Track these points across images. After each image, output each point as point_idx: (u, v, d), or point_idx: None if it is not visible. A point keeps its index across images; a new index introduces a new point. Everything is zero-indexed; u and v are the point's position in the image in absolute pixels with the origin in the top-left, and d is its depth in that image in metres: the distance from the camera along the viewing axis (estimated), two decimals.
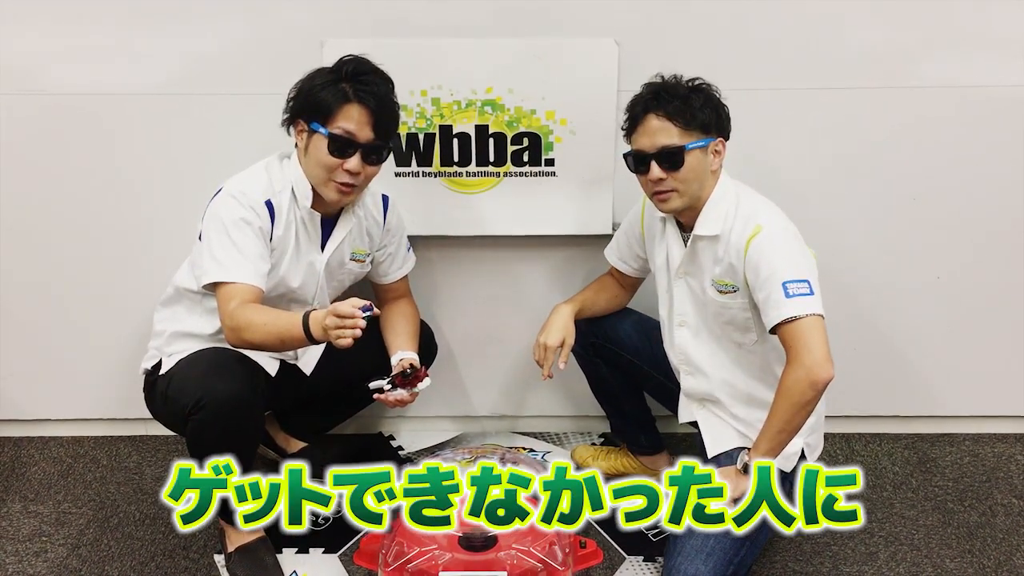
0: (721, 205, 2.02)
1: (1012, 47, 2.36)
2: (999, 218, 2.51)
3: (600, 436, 2.77)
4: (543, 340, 2.23)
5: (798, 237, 2.00)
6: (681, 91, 1.98)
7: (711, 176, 2.02)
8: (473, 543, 2.00)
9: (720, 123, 2.01)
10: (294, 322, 1.91)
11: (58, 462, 2.64)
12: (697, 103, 1.97)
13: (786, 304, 1.89)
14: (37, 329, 2.64)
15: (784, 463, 2.04)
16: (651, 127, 1.98)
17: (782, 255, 1.94)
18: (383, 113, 2.01)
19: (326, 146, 1.99)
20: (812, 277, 1.93)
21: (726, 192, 2.04)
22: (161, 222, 2.50)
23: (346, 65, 2.01)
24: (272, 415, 2.55)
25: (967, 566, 2.23)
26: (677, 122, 1.96)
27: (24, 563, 2.25)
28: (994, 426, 2.76)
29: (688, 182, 1.99)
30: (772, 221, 1.98)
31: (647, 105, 1.99)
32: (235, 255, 1.99)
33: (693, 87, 2.01)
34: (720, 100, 2.03)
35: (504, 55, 2.32)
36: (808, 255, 1.99)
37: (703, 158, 1.99)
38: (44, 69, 2.38)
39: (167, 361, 2.14)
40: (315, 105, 1.99)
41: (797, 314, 1.88)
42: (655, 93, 1.99)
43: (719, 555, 1.96)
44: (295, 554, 2.26)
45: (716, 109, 2.00)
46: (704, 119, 1.97)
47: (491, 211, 2.46)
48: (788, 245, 1.96)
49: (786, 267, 1.92)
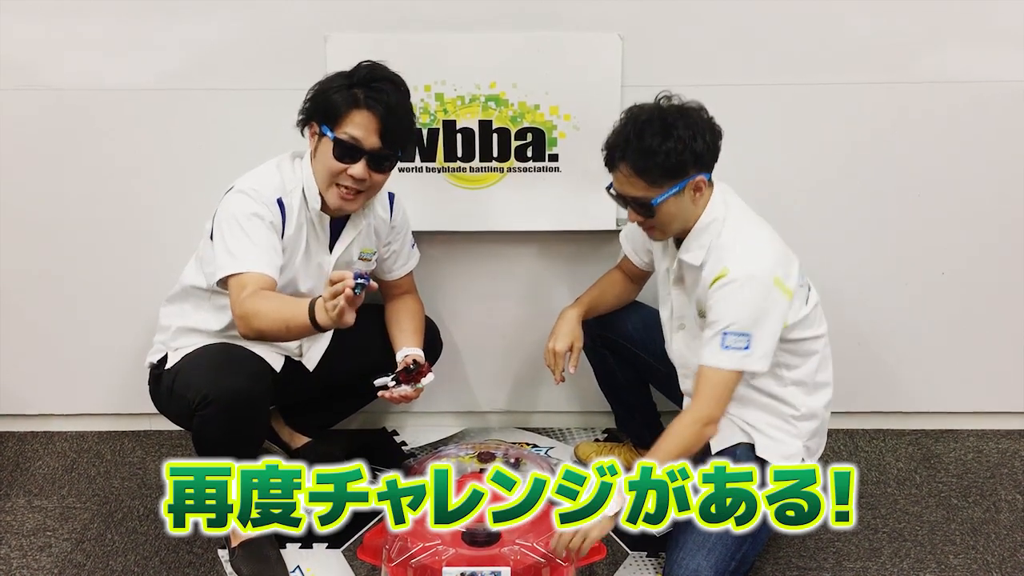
0: (705, 235, 1.98)
1: (1016, 42, 2.34)
2: (1004, 214, 2.51)
3: (604, 432, 2.77)
4: (551, 346, 2.24)
5: (764, 282, 1.91)
6: (648, 140, 1.86)
7: (696, 207, 1.97)
8: (476, 538, 2.00)
9: (700, 161, 1.91)
10: (300, 308, 1.89)
11: (62, 457, 2.65)
12: (666, 152, 1.86)
13: (716, 353, 1.91)
14: (41, 325, 2.64)
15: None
16: (622, 175, 1.93)
17: (735, 304, 1.90)
18: (392, 121, 1.99)
19: (331, 150, 1.99)
20: (761, 330, 1.90)
21: (712, 220, 1.98)
22: (164, 217, 2.50)
23: (361, 70, 2.00)
24: (277, 410, 2.55)
25: (971, 562, 2.23)
26: (643, 178, 1.90)
27: (28, 558, 2.25)
28: (998, 422, 2.75)
29: (666, 224, 1.97)
30: (738, 265, 1.91)
31: (615, 153, 1.93)
32: (248, 246, 1.98)
33: (666, 126, 1.87)
34: (705, 129, 1.91)
35: (508, 50, 2.32)
36: (769, 303, 1.92)
37: (679, 201, 1.93)
38: (46, 64, 2.38)
39: (173, 356, 2.14)
40: (325, 108, 1.99)
41: (719, 366, 1.91)
42: (624, 142, 1.90)
43: (720, 551, 1.97)
44: (299, 549, 2.26)
45: (692, 148, 1.88)
46: (677, 166, 1.88)
47: (495, 206, 2.45)
48: (745, 294, 1.90)
49: (733, 317, 1.90)
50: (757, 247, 1.97)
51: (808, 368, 2.07)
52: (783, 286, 1.94)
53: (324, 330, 1.90)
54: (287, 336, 2.01)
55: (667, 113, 1.90)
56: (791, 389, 2.06)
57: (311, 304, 1.87)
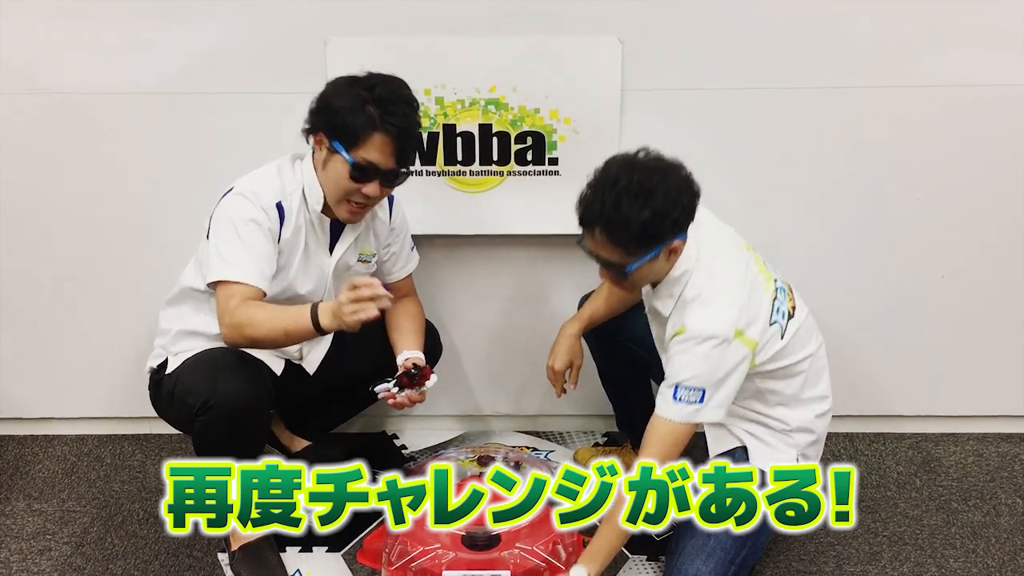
0: (676, 286, 1.94)
1: (1016, 45, 2.35)
2: (1004, 217, 2.51)
3: (603, 435, 2.77)
4: (550, 364, 2.24)
5: (722, 340, 1.86)
6: (624, 210, 1.77)
7: (668, 263, 1.91)
8: (476, 542, 2.00)
9: (676, 225, 1.83)
10: (301, 313, 1.92)
11: (62, 460, 2.65)
12: (642, 222, 1.77)
13: (668, 405, 1.89)
14: (41, 328, 2.64)
15: None
16: (594, 239, 1.85)
17: (691, 360, 1.87)
18: (407, 143, 2.01)
19: (347, 172, 1.99)
20: (713, 387, 1.87)
21: (683, 273, 1.92)
22: (164, 219, 2.51)
23: (377, 88, 1.97)
24: (277, 414, 2.55)
25: (971, 566, 2.23)
26: (619, 246, 1.82)
27: (28, 561, 2.25)
28: (998, 426, 2.75)
29: (637, 283, 1.95)
30: (696, 324, 1.87)
31: (589, 217, 1.83)
32: (241, 254, 1.99)
33: (643, 192, 1.77)
34: (683, 192, 1.82)
35: (508, 54, 2.32)
36: (726, 360, 1.87)
37: (653, 264, 1.87)
38: (46, 67, 2.38)
39: (173, 360, 2.14)
40: (341, 128, 1.97)
41: (671, 417, 1.89)
42: (600, 207, 1.79)
43: (720, 555, 1.96)
44: (298, 552, 2.26)
45: (669, 214, 1.80)
46: (651, 235, 1.80)
47: (495, 210, 2.46)
48: (700, 351, 1.86)
49: (689, 373, 1.87)
50: (719, 301, 1.90)
51: (792, 388, 2.05)
52: (744, 336, 1.89)
53: (326, 333, 1.93)
54: (285, 342, 2.04)
55: (646, 177, 1.79)
56: (778, 409, 2.05)
57: (313, 308, 1.90)
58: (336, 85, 2.03)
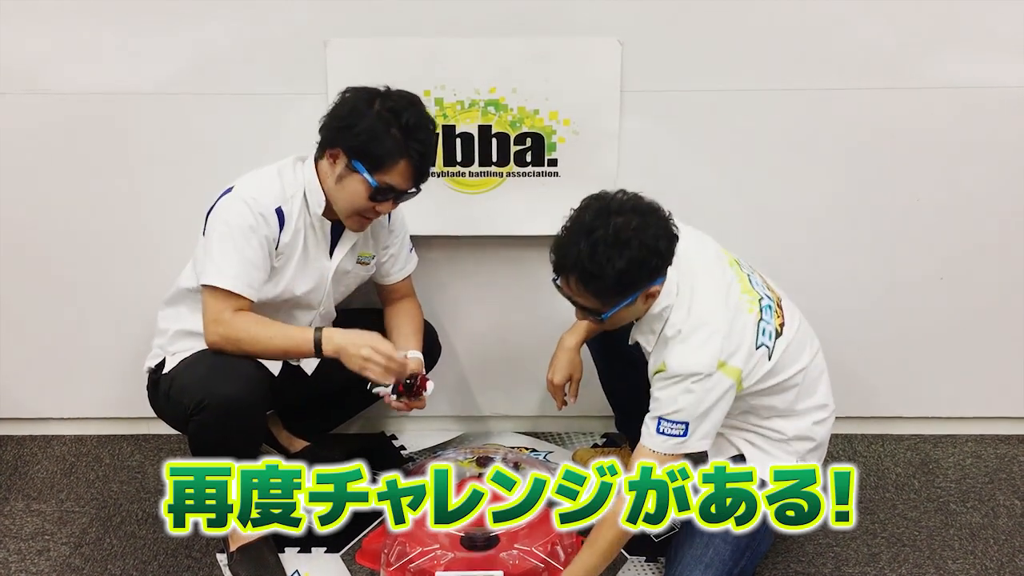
0: (656, 322, 1.93)
1: (1015, 47, 2.36)
2: (1002, 219, 2.51)
3: (602, 436, 2.77)
4: (550, 378, 2.23)
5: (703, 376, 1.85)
6: (600, 260, 1.74)
7: (644, 306, 1.90)
8: (475, 543, 2.00)
9: (653, 272, 1.82)
10: (304, 338, 2.01)
11: (61, 461, 2.64)
12: (617, 273, 1.75)
13: (652, 436, 1.89)
14: (40, 328, 2.64)
15: None
16: (569, 286, 1.84)
17: (673, 397, 1.87)
18: (427, 167, 2.04)
19: (367, 193, 2.01)
20: (696, 420, 1.87)
21: (663, 309, 1.91)
22: (164, 220, 2.50)
23: (404, 114, 1.97)
24: (275, 414, 2.55)
25: (969, 567, 2.23)
26: (595, 297, 1.82)
27: (27, 561, 2.25)
28: (996, 427, 2.76)
29: (614, 325, 1.95)
30: (678, 361, 1.86)
31: (564, 264, 1.81)
32: (235, 263, 2.00)
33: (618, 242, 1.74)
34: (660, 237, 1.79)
35: (507, 55, 2.32)
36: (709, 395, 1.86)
37: (630, 309, 1.86)
38: (45, 69, 2.38)
39: (171, 360, 2.14)
40: (364, 151, 1.98)
41: (655, 448, 1.89)
42: (576, 255, 1.76)
43: (718, 565, 1.96)
44: (297, 553, 2.26)
45: (646, 264, 1.78)
46: (626, 285, 1.79)
47: (494, 211, 2.46)
48: (682, 387, 1.86)
49: (669, 408, 1.87)
50: (699, 336, 1.88)
51: (786, 401, 2.03)
52: (727, 367, 1.88)
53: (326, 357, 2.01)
54: (279, 360, 2.10)
55: (622, 226, 1.76)
56: (774, 421, 2.04)
57: (317, 336, 2.00)
58: (356, 102, 2.01)
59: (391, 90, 2.03)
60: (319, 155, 2.07)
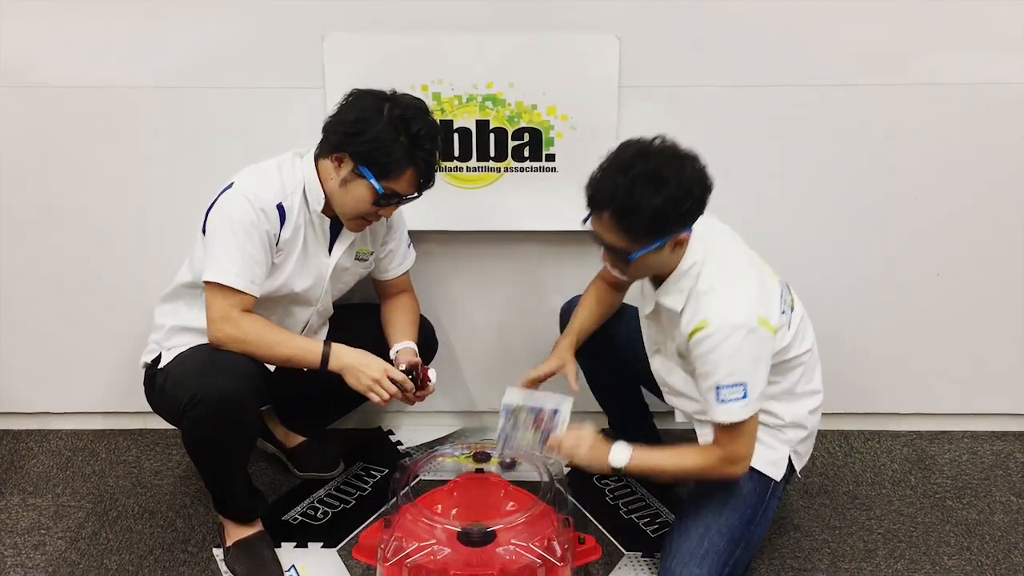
0: (684, 280, 1.91)
1: (1014, 44, 2.35)
2: (999, 216, 2.51)
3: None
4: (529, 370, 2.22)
5: (748, 328, 1.84)
6: (637, 196, 1.74)
7: (673, 256, 1.90)
8: (472, 538, 2.00)
9: (684, 217, 1.81)
10: (312, 351, 2.05)
11: (57, 455, 2.64)
12: (652, 210, 1.75)
13: (716, 407, 1.87)
14: (37, 322, 2.63)
15: (774, 470, 2.05)
16: (602, 222, 1.82)
17: (720, 356, 1.85)
18: (433, 174, 2.05)
19: (372, 198, 2.02)
20: (752, 376, 1.85)
21: (692, 265, 1.90)
22: (161, 215, 2.50)
23: (414, 123, 1.97)
24: (271, 409, 2.55)
25: (965, 563, 2.23)
26: (625, 233, 1.80)
27: (23, 556, 2.25)
28: (993, 424, 2.76)
29: (638, 272, 1.93)
30: (719, 315, 1.84)
31: (599, 199, 1.80)
32: (238, 259, 2.00)
33: (658, 179, 1.75)
34: (696, 185, 1.80)
35: (505, 50, 2.32)
36: (755, 349, 1.86)
37: (657, 255, 1.85)
38: (41, 62, 2.37)
39: (166, 355, 2.14)
40: (373, 159, 1.98)
41: (723, 422, 1.88)
42: (611, 192, 1.77)
43: (713, 557, 1.97)
44: (294, 548, 2.26)
45: (680, 205, 1.78)
46: (660, 225, 1.78)
47: (491, 206, 2.45)
48: (729, 346, 1.84)
49: (722, 371, 1.85)
50: (737, 292, 1.89)
51: (790, 381, 2.05)
52: (767, 324, 1.88)
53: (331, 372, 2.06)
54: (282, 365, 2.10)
55: (661, 165, 1.77)
56: (772, 404, 2.04)
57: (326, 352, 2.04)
58: (365, 108, 2.00)
59: (399, 95, 2.03)
60: (321, 154, 2.07)
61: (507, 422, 2.09)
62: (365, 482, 2.53)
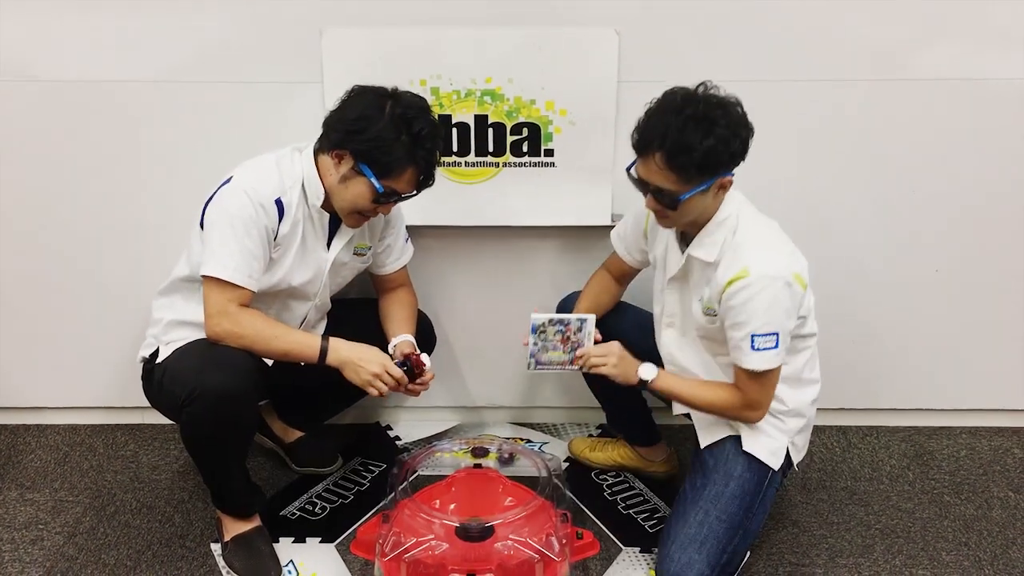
0: (719, 231, 1.97)
1: (1013, 40, 2.35)
2: (998, 212, 2.51)
3: (597, 428, 2.77)
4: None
5: (785, 282, 1.90)
6: (689, 135, 1.81)
7: (715, 202, 1.96)
8: (470, 533, 2.00)
9: (732, 159, 1.88)
10: (309, 346, 2.06)
11: (55, 450, 2.64)
12: (705, 150, 1.81)
13: (749, 355, 1.93)
14: (35, 317, 2.63)
15: (772, 459, 2.06)
16: (651, 165, 1.87)
17: (758, 306, 1.90)
18: (432, 172, 2.05)
19: (372, 196, 2.02)
20: (784, 327, 1.93)
21: (728, 217, 1.97)
22: (159, 210, 2.50)
23: (416, 123, 1.97)
24: (270, 404, 2.55)
25: (963, 559, 2.24)
26: (677, 173, 1.85)
27: (20, 551, 2.24)
28: (991, 419, 2.76)
29: (683, 216, 1.95)
30: (758, 265, 1.90)
31: (652, 141, 1.85)
32: (236, 254, 1.99)
33: (708, 122, 1.82)
34: (741, 127, 1.87)
35: (504, 45, 2.31)
36: (790, 302, 1.92)
37: (703, 197, 1.91)
38: (38, 57, 2.36)
39: (164, 350, 2.13)
40: (373, 158, 1.98)
41: (756, 368, 1.93)
42: (663, 132, 1.83)
43: (712, 544, 1.98)
44: (292, 543, 2.26)
45: (729, 145, 1.85)
46: (711, 164, 1.85)
47: (490, 201, 2.45)
48: (767, 296, 1.90)
49: (759, 320, 1.91)
50: (775, 245, 1.97)
51: (797, 364, 2.07)
52: (801, 280, 1.95)
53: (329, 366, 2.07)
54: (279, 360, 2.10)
55: (709, 108, 1.84)
56: (778, 387, 2.05)
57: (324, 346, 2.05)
58: (366, 106, 1.99)
59: (400, 92, 2.02)
60: (321, 150, 2.06)
61: (535, 343, 2.13)
62: (363, 477, 2.53)
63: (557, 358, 2.14)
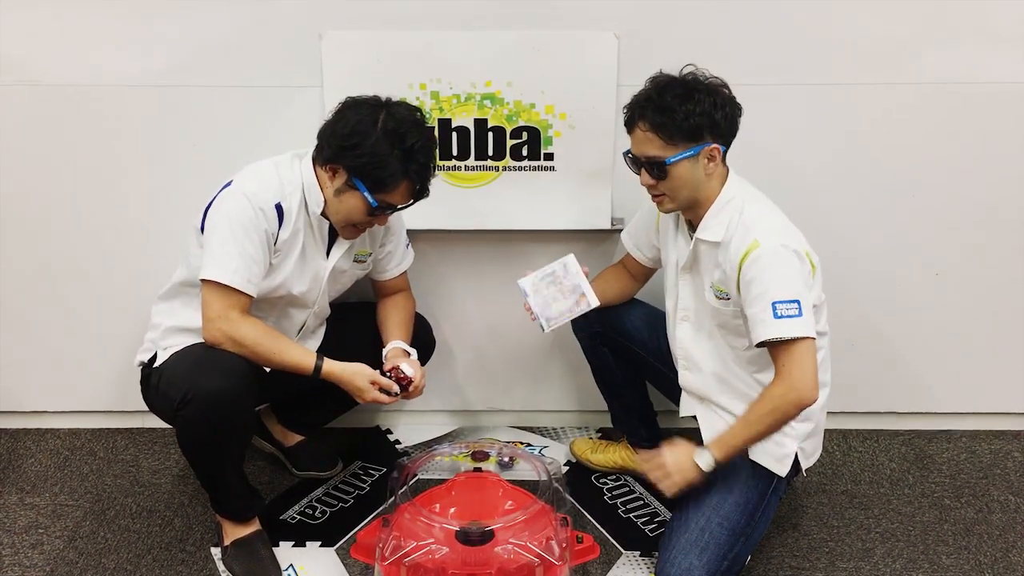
0: (724, 212, 2.00)
1: (1013, 43, 2.35)
2: (997, 215, 2.51)
3: (598, 431, 2.77)
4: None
5: (796, 253, 1.94)
6: (669, 99, 1.91)
7: (709, 179, 1.99)
8: (470, 537, 2.00)
9: (716, 128, 1.94)
10: (305, 360, 2.06)
11: (55, 454, 2.64)
12: (685, 112, 1.90)
13: (773, 324, 1.89)
14: (34, 321, 2.63)
15: (778, 466, 2.05)
16: (638, 135, 1.97)
17: (775, 274, 1.91)
18: (427, 185, 2.05)
19: (366, 209, 2.03)
20: (804, 297, 1.90)
21: (732, 198, 2.00)
22: (158, 214, 2.50)
23: (409, 137, 1.97)
24: (269, 408, 2.55)
25: (963, 562, 2.23)
26: (660, 134, 1.93)
27: (20, 555, 2.24)
28: (991, 423, 2.76)
29: (677, 189, 1.98)
30: (770, 237, 1.93)
31: (635, 111, 1.97)
32: (236, 258, 1.99)
33: (688, 90, 1.92)
34: (723, 100, 1.95)
35: (503, 49, 2.32)
36: (803, 273, 1.94)
37: (692, 167, 1.95)
38: (37, 60, 2.37)
39: (162, 355, 2.13)
40: (367, 174, 1.99)
41: (783, 336, 1.89)
42: (645, 100, 1.95)
43: (713, 549, 1.97)
44: (292, 547, 2.26)
45: (711, 114, 1.92)
46: (692, 128, 1.91)
47: (490, 205, 2.45)
48: (783, 264, 1.92)
49: (777, 287, 1.90)
50: (782, 224, 2.00)
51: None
52: (810, 258, 1.97)
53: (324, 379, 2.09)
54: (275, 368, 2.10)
55: (691, 81, 1.95)
56: None
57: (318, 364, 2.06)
58: (358, 120, 1.99)
59: (393, 103, 2.02)
60: (317, 161, 2.07)
61: (536, 303, 2.16)
62: (363, 481, 2.52)
63: (563, 306, 2.15)
